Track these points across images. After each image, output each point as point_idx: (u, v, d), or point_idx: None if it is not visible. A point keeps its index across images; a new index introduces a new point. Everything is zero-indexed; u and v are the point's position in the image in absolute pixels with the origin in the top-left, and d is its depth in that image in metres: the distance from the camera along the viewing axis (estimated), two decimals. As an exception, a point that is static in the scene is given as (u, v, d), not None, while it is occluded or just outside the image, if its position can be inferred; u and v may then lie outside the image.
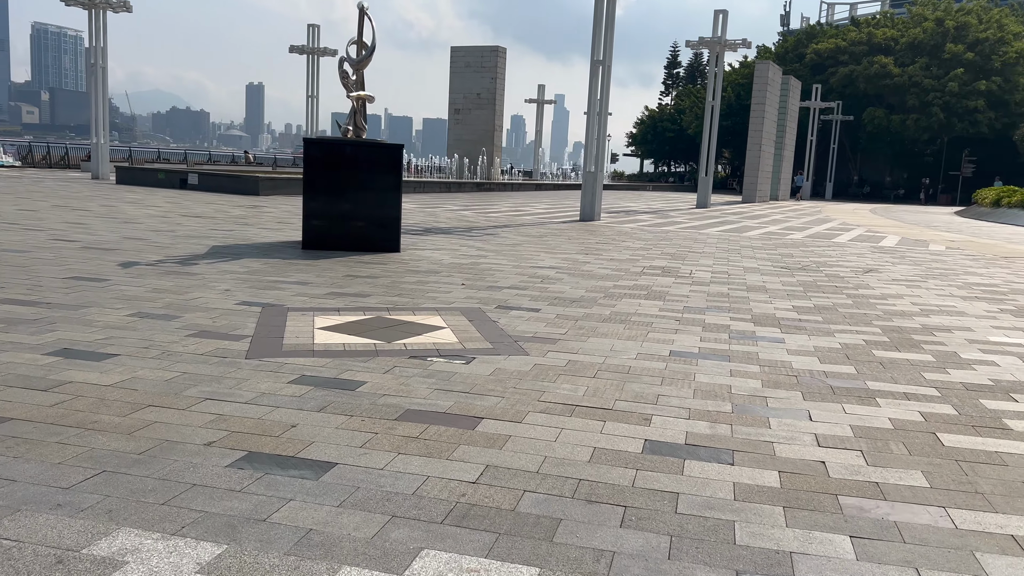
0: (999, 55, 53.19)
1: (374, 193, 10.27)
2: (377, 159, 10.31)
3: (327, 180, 10.15)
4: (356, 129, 10.49)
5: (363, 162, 10.25)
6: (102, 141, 27.57)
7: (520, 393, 4.16)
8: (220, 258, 8.93)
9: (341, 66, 10.62)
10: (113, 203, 16.33)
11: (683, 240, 14.64)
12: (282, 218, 14.87)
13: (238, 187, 22.25)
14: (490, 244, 12.09)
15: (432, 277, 8.22)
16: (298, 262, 8.92)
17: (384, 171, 10.32)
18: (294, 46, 35.69)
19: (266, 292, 6.85)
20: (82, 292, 6.42)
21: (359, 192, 10.21)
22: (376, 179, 10.29)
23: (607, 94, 18.62)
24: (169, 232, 11.33)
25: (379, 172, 10.31)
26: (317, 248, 10.18)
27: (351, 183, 10.20)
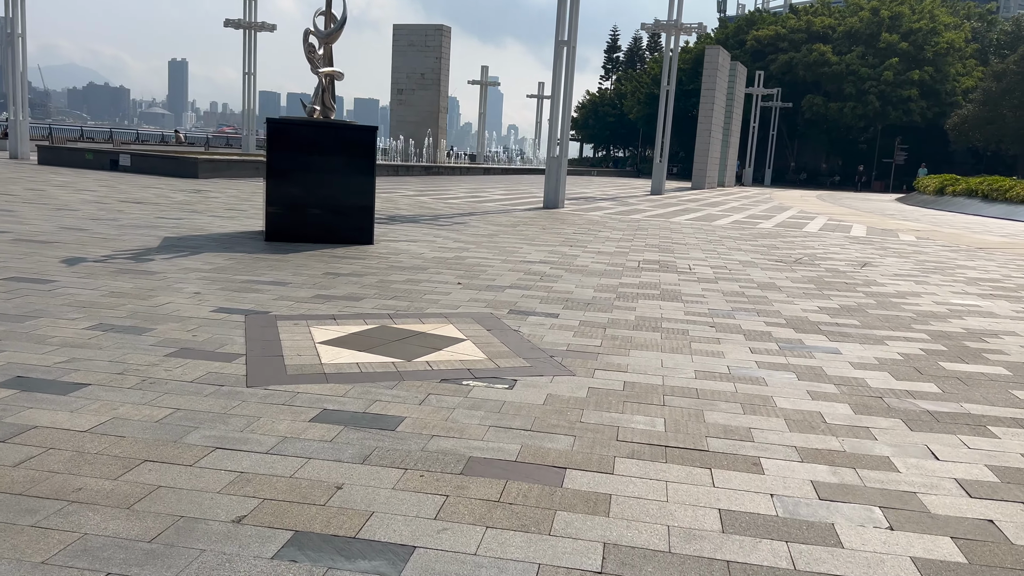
0: (931, 45, 54.52)
1: (345, 179, 9.40)
2: (349, 142, 9.43)
3: (293, 165, 9.24)
4: (324, 109, 9.59)
5: (333, 146, 9.36)
6: (21, 118, 25.63)
7: (591, 430, 3.49)
8: (177, 252, 7.97)
9: (306, 40, 9.68)
10: (40, 186, 14.95)
11: (659, 230, 14.13)
12: (230, 204, 13.80)
13: (175, 169, 20.87)
14: (464, 235, 11.34)
15: (421, 275, 7.45)
16: (267, 257, 8.02)
17: (356, 155, 9.45)
18: (229, 20, 33.91)
19: (242, 295, 5.99)
20: (26, 297, 5.47)
21: (329, 178, 9.33)
22: (348, 164, 9.42)
23: (572, 76, 17.97)
24: (111, 221, 10.24)
25: (351, 156, 9.43)
26: (282, 240, 9.27)
27: (320, 168, 9.31)
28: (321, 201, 9.35)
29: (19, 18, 24.84)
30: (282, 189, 9.21)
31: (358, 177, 9.45)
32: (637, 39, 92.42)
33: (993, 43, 61.94)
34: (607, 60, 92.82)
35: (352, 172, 9.43)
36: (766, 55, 59.14)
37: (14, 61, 25.01)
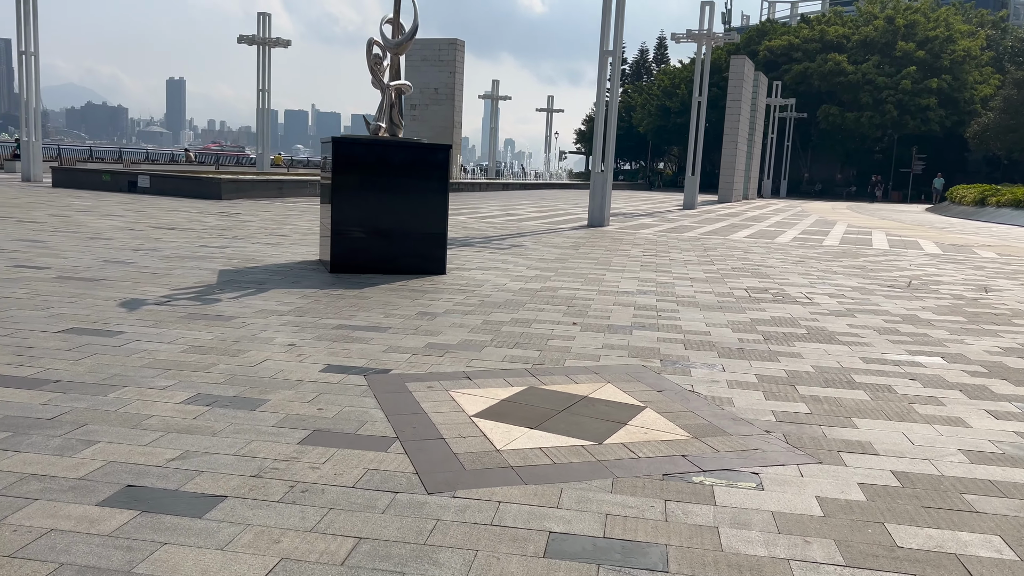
0: (948, 53, 53.82)
1: (417, 203, 8.49)
2: (420, 162, 8.53)
3: (360, 188, 8.33)
4: (392, 126, 8.69)
5: (404, 166, 8.45)
6: (33, 139, 24.79)
7: (921, 560, 2.55)
8: (242, 289, 7.05)
9: (370, 51, 8.80)
10: (63, 211, 14.05)
11: (728, 250, 13.22)
12: (269, 228, 12.89)
13: (197, 190, 20.00)
14: (531, 259, 10.42)
15: (524, 313, 6.52)
16: (343, 293, 7.10)
17: (428, 176, 8.55)
18: (243, 36, 33.14)
19: (346, 347, 5.07)
20: (96, 357, 4.54)
21: (399, 202, 8.43)
22: (420, 185, 8.52)
23: (616, 88, 17.10)
24: (152, 251, 9.33)
25: (423, 177, 8.53)
26: (348, 271, 8.36)
27: (389, 191, 8.41)
28: (390, 227, 8.44)
29: (31, 36, 24.05)
30: (348, 214, 8.30)
31: (430, 200, 8.55)
32: (643, 52, 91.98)
33: (1008, 51, 61.29)
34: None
35: (424, 194, 8.53)
36: (779, 65, 58.44)
37: (27, 80, 24.20)
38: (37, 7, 23.97)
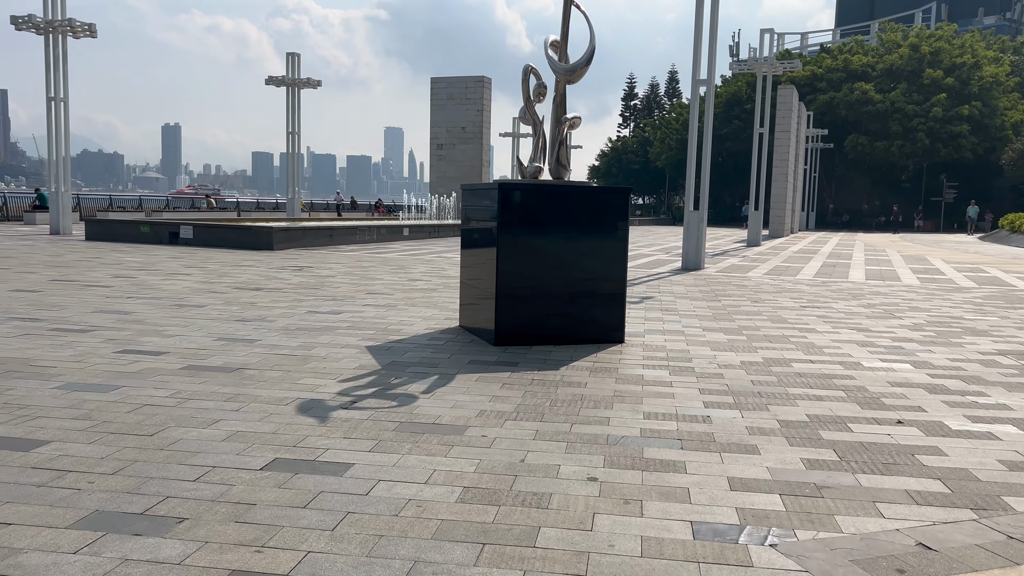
0: (976, 80, 52.95)
1: (594, 258, 7.03)
2: (599, 209, 7.07)
3: (531, 242, 6.87)
4: (558, 168, 7.25)
5: (581, 214, 7.00)
6: (63, 189, 23.46)
7: None
8: (420, 377, 5.56)
9: (528, 78, 7.40)
10: (122, 271, 12.59)
11: (880, 297, 11.74)
12: (360, 285, 11.42)
13: (246, 241, 18.58)
14: (687, 316, 8.94)
15: (812, 405, 5.02)
16: (547, 378, 5.59)
17: (608, 226, 7.09)
18: (272, 77, 31.99)
19: (665, 479, 3.57)
20: (352, 519, 3.03)
21: (574, 257, 6.96)
22: (597, 237, 7.06)
23: (710, 119, 15.82)
24: (264, 323, 7.85)
25: (601, 228, 7.08)
26: (516, 342, 6.85)
27: (564, 245, 6.95)
28: (563, 288, 6.96)
29: (60, 82, 22.85)
30: (516, 274, 6.82)
31: (608, 254, 7.08)
32: (654, 86, 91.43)
33: (1032, 76, 60.49)
34: (624, 108, 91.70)
35: (601, 248, 7.06)
36: (804, 96, 57.43)
37: (57, 126, 22.93)
38: (67, 52, 22.80)
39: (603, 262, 7.05)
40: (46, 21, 22.25)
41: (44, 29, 22.34)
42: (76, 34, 22.85)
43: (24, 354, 5.94)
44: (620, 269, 7.11)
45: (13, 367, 5.50)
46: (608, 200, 7.10)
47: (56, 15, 22.37)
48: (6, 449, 3.78)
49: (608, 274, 7.07)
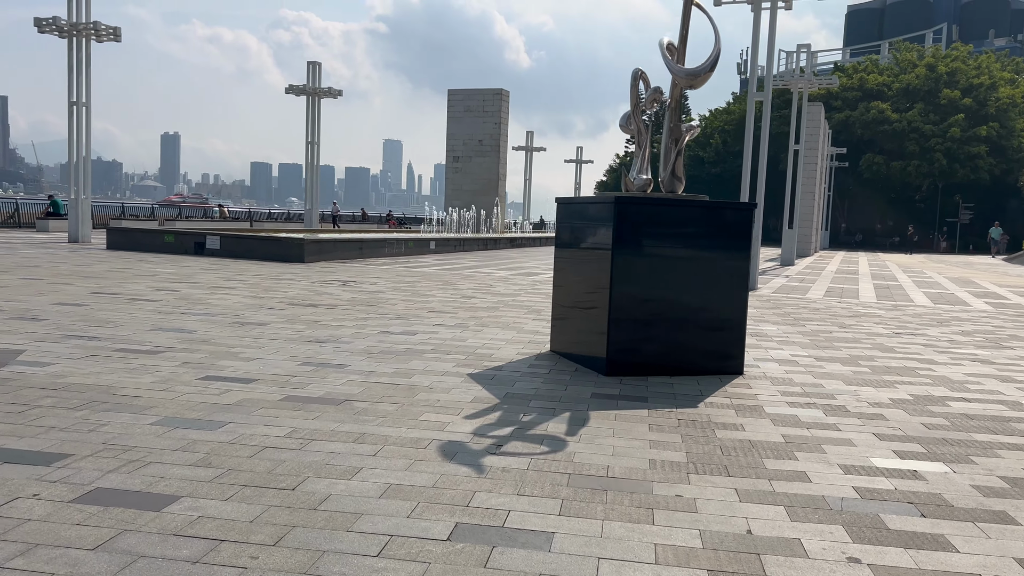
0: (993, 101, 52.64)
1: (713, 279, 6.42)
2: (723, 226, 6.47)
3: (648, 262, 6.27)
4: (672, 180, 6.66)
5: (701, 231, 6.41)
6: (83, 196, 22.85)
7: None
8: (548, 414, 4.95)
9: (637, 84, 6.83)
10: (159, 283, 11.97)
11: (962, 324, 11.13)
12: (414, 302, 10.80)
13: (276, 253, 17.96)
14: (786, 343, 8.32)
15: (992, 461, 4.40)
16: (691, 416, 4.98)
17: (730, 245, 6.49)
18: (293, 86, 31.44)
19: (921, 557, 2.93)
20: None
21: (692, 279, 6.36)
22: (717, 257, 6.46)
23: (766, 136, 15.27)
24: (339, 343, 7.24)
25: (723, 246, 6.48)
26: (627, 372, 6.23)
27: (681, 265, 6.35)
28: (679, 313, 6.35)
29: (83, 87, 22.28)
30: (631, 296, 6.21)
31: (728, 275, 6.47)
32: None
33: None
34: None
35: (721, 269, 6.46)
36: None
37: (79, 132, 22.35)
38: (91, 56, 22.24)
39: (723, 285, 6.44)
40: (70, 24, 21.71)
41: (68, 32, 21.79)
42: (100, 38, 22.31)
43: (101, 380, 5.31)
44: (741, 293, 6.50)
45: (96, 396, 4.87)
46: (732, 217, 6.50)
47: (80, 18, 21.83)
48: (133, 508, 3.15)
49: (728, 298, 6.46)
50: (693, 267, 6.37)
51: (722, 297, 6.44)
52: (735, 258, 6.47)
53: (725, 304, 6.45)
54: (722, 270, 6.44)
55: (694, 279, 6.36)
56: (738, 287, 6.48)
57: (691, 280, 6.35)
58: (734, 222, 6.49)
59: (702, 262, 6.40)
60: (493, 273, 16.83)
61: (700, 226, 6.40)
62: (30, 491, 3.28)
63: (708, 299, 6.40)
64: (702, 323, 6.42)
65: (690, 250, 6.37)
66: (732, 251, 6.48)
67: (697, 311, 6.38)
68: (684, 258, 6.36)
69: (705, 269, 6.40)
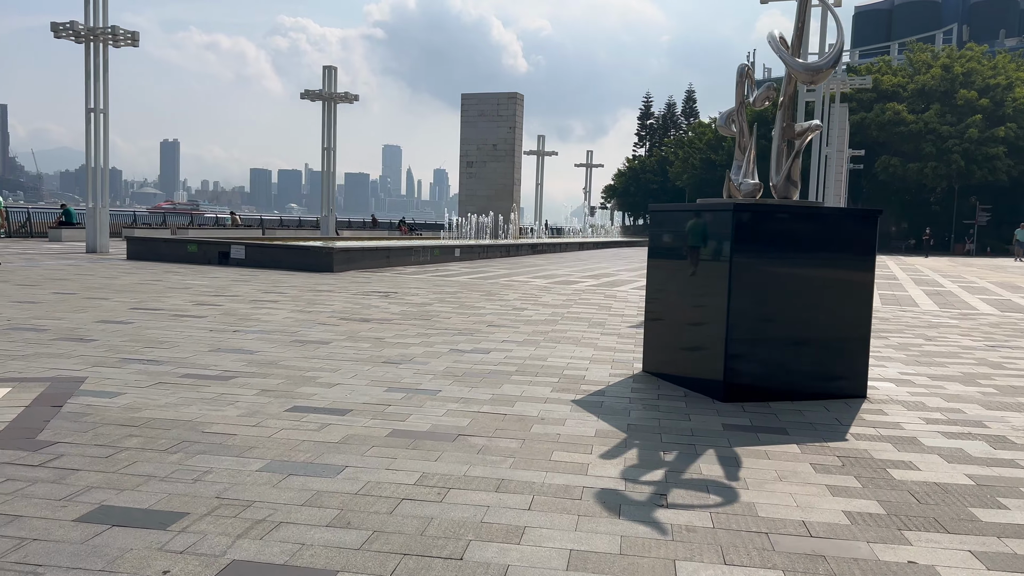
0: (1010, 101, 52.08)
1: (835, 293, 5.87)
2: (844, 236, 5.93)
3: (768, 274, 5.73)
4: (787, 186, 6.11)
5: (822, 241, 5.86)
6: (101, 204, 22.34)
7: None
8: (690, 453, 4.42)
9: (742, 80, 6.30)
10: (193, 295, 11.44)
11: (1040, 332, 10.57)
12: (463, 313, 10.25)
13: (303, 262, 17.44)
14: (883, 359, 7.76)
15: None
16: (846, 451, 4.44)
17: (853, 256, 5.95)
18: (309, 90, 30.95)
19: None
20: None
21: (812, 293, 5.81)
22: (838, 268, 5.91)
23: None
24: (414, 364, 6.71)
25: (846, 258, 5.93)
26: (746, 397, 5.68)
27: (801, 278, 5.80)
28: (799, 330, 5.81)
29: (101, 93, 21.79)
30: (750, 313, 5.66)
31: (852, 288, 5.92)
32: (671, 105, 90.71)
33: (1061, 97, 59.54)
34: (640, 127, 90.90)
35: (844, 281, 5.91)
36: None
37: (96, 140, 21.84)
38: (108, 61, 21.75)
39: (846, 299, 5.89)
40: (87, 28, 21.23)
41: (85, 37, 21.31)
42: (118, 43, 21.82)
43: (182, 414, 4.76)
44: (865, 308, 5.95)
45: (184, 434, 4.33)
46: (855, 224, 5.96)
47: (98, 22, 21.35)
48: (288, 590, 2.60)
49: (851, 313, 5.91)
50: (815, 280, 5.82)
51: (845, 312, 5.89)
52: (858, 269, 5.92)
53: (848, 320, 5.89)
54: (845, 283, 5.89)
55: (816, 293, 5.81)
56: (862, 301, 5.93)
57: (813, 294, 5.80)
58: (857, 230, 5.94)
59: (824, 274, 5.85)
60: (529, 282, 16.29)
61: (822, 235, 5.85)
62: (158, 566, 2.73)
63: (831, 315, 5.85)
64: (824, 342, 5.87)
65: (812, 261, 5.83)
66: (855, 261, 5.93)
67: (819, 328, 5.83)
68: (806, 270, 5.81)
69: (827, 282, 5.85)
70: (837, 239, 5.90)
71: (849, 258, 5.91)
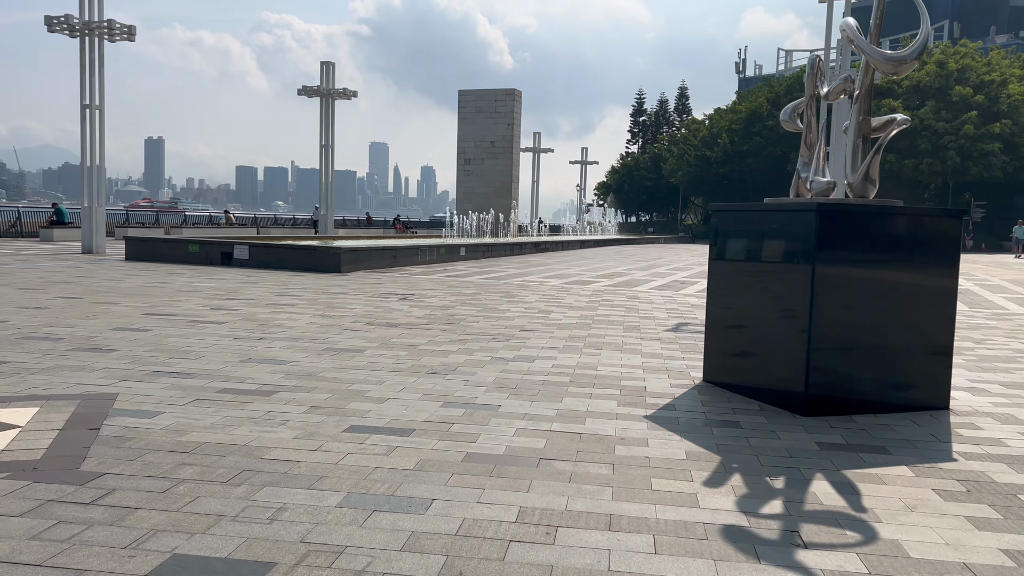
0: (1005, 97, 52.04)
1: (919, 299, 5.50)
2: (928, 238, 5.56)
3: (852, 279, 5.35)
4: (865, 184, 5.73)
5: (906, 244, 5.50)
6: (96, 204, 21.77)
7: None
8: (796, 478, 4.06)
9: (815, 72, 5.93)
10: (206, 299, 10.98)
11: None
12: (488, 317, 9.86)
13: (310, 263, 16.97)
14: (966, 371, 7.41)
15: None
16: (965, 474, 4.07)
17: (937, 259, 5.58)
18: (307, 87, 30.40)
19: None
20: None
21: (896, 299, 5.44)
22: (922, 272, 5.54)
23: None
24: (460, 375, 6.32)
25: (930, 261, 5.56)
26: (827, 411, 5.31)
27: (884, 282, 5.43)
28: (882, 338, 5.43)
29: (96, 88, 21.22)
30: (833, 321, 5.29)
31: (935, 294, 5.55)
32: (663, 102, 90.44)
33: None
34: (633, 124, 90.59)
35: (926, 286, 5.54)
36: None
37: (92, 137, 21.28)
38: (104, 56, 21.18)
39: (930, 304, 5.52)
40: (83, 22, 20.65)
41: (80, 31, 20.72)
42: (113, 37, 21.25)
43: (233, 437, 4.34)
44: (948, 313, 5.58)
45: (243, 462, 3.91)
46: (938, 226, 5.59)
47: (93, 16, 20.77)
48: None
49: (934, 320, 5.54)
50: (897, 284, 5.45)
51: (929, 319, 5.52)
52: (943, 273, 5.56)
53: (932, 327, 5.53)
54: (928, 287, 5.52)
55: (899, 299, 5.44)
56: (946, 307, 5.57)
57: (895, 300, 5.43)
58: (941, 232, 5.57)
59: (908, 278, 5.48)
60: (544, 282, 15.89)
61: (906, 237, 5.49)
62: (261, 639, 2.32)
63: (915, 321, 5.48)
64: (908, 350, 5.50)
65: (895, 265, 5.46)
66: (939, 265, 5.56)
67: (903, 336, 5.47)
68: (888, 274, 5.44)
69: (911, 286, 5.48)
70: (921, 241, 5.54)
71: (933, 261, 5.55)
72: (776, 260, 5.66)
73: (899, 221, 5.49)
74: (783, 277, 5.56)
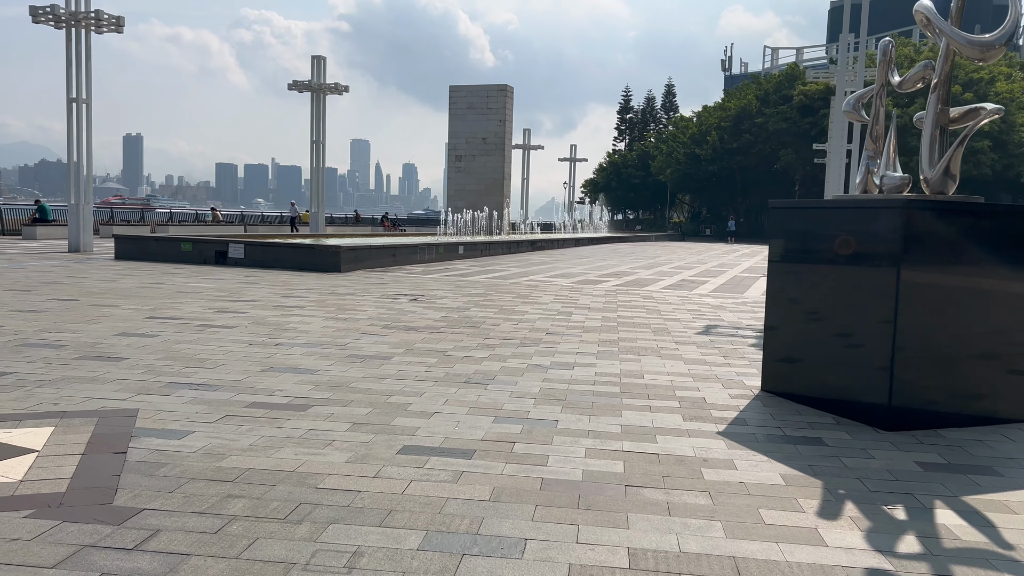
0: (993, 95, 52.16)
1: (1009, 304, 5.12)
2: (1016, 236, 5.16)
3: (938, 283, 4.95)
4: (945, 179, 5.34)
5: (997, 244, 5.10)
6: (84, 201, 21.08)
7: None
8: (915, 507, 3.66)
9: (887, 58, 5.55)
10: (208, 300, 10.46)
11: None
12: (508, 320, 9.41)
13: (308, 262, 16.44)
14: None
15: None
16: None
17: (1020, 261, 5.18)
18: (297, 81, 29.74)
19: None
20: None
21: (986, 302, 5.05)
22: (1009, 274, 5.15)
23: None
24: (501, 385, 5.88)
25: (1017, 262, 5.17)
26: (913, 425, 4.91)
27: (972, 285, 5.03)
28: (971, 345, 5.04)
29: (83, 82, 20.53)
30: (920, 328, 4.87)
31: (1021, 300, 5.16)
32: (650, 99, 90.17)
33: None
34: (620, 121, 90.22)
35: (1014, 289, 5.15)
36: (817, 111, 56.44)
37: (77, 132, 20.58)
38: (91, 48, 20.50)
39: (1017, 308, 5.13)
40: (69, 13, 19.95)
41: (67, 22, 20.02)
42: (100, 28, 20.56)
43: (279, 462, 3.87)
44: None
45: (294, 492, 3.44)
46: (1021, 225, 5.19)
47: (80, 6, 20.08)
48: None
49: (1019, 326, 5.15)
50: (985, 287, 5.06)
51: (1016, 324, 5.13)
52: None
53: (1019, 332, 5.14)
54: (1016, 290, 5.14)
55: (984, 302, 5.05)
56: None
57: (981, 304, 5.04)
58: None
59: (996, 281, 5.09)
60: (552, 282, 15.46)
61: (994, 236, 5.09)
62: None
63: (1001, 327, 5.09)
64: (997, 358, 5.11)
65: (984, 266, 5.06)
66: None
67: (992, 343, 5.07)
68: (978, 278, 5.04)
69: (1000, 290, 5.09)
70: (1010, 241, 5.14)
71: (1019, 263, 5.15)
72: (852, 261, 5.25)
73: (989, 219, 5.10)
74: (861, 280, 5.15)
